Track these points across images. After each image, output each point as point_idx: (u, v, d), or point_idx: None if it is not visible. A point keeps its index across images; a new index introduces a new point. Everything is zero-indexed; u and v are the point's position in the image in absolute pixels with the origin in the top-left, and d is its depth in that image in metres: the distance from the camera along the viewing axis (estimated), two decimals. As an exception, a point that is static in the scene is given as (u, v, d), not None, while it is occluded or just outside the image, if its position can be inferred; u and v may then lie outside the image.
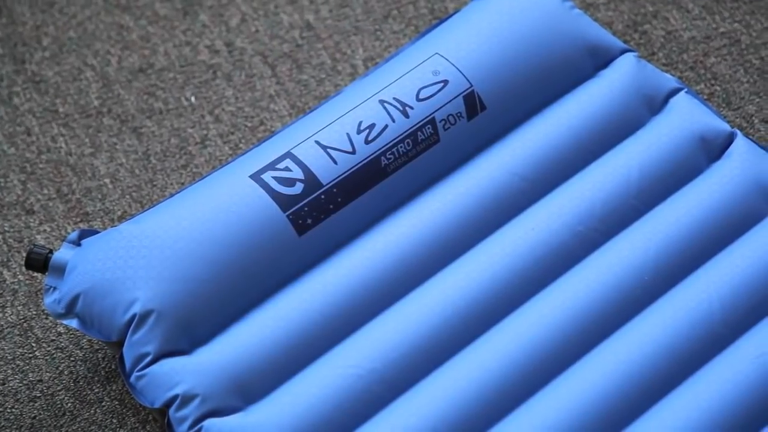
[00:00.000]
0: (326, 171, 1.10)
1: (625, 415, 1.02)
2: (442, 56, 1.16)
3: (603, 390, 1.02)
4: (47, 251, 1.09)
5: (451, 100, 1.14)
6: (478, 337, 1.06)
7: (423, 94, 1.14)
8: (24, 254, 1.19)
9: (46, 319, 1.17)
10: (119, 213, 1.23)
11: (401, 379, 1.04)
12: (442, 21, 1.21)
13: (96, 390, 1.13)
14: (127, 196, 1.24)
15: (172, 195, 1.14)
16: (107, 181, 1.25)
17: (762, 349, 1.03)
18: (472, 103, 1.14)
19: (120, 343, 1.06)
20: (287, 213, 1.09)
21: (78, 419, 1.12)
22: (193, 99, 1.30)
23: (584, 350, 1.05)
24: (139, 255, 1.06)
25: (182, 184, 1.25)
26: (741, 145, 1.15)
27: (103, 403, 1.12)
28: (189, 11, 1.36)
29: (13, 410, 1.12)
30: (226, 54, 1.33)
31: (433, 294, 1.07)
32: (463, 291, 1.07)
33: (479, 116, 1.15)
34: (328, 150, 1.11)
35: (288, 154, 1.11)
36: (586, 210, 1.11)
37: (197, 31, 1.34)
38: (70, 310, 1.07)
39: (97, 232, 1.11)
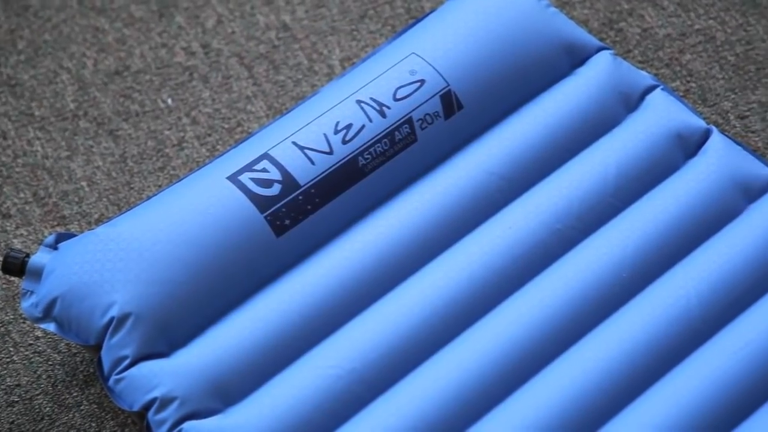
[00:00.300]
0: (304, 172, 1.10)
1: (605, 411, 1.02)
2: (419, 56, 1.16)
3: (582, 387, 1.02)
4: (24, 255, 1.09)
5: (428, 100, 1.14)
6: (456, 336, 1.06)
7: (400, 94, 1.14)
8: (0, 258, 1.19)
9: (24, 323, 1.16)
10: (96, 216, 1.23)
11: (381, 379, 1.04)
12: (418, 20, 1.21)
13: (74, 394, 1.13)
14: (104, 199, 1.24)
15: (149, 197, 1.13)
16: (84, 184, 1.25)
17: (740, 344, 1.04)
18: (449, 102, 1.14)
19: (98, 347, 1.06)
20: (265, 214, 1.08)
21: (56, 423, 1.11)
22: (169, 101, 1.30)
23: (563, 348, 1.05)
24: (116, 258, 1.06)
25: (159, 186, 1.25)
26: (717, 141, 1.15)
27: (82, 407, 1.12)
28: (165, 13, 1.35)
29: (-8, 415, 1.11)
30: (203, 56, 1.33)
31: (412, 293, 1.08)
32: (441, 290, 1.07)
33: (456, 115, 1.15)
34: (306, 151, 1.11)
35: (265, 155, 1.11)
36: (563, 208, 1.11)
37: (173, 33, 1.34)
38: (47, 313, 1.07)
39: (74, 236, 1.11)
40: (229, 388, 1.03)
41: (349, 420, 1.03)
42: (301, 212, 1.09)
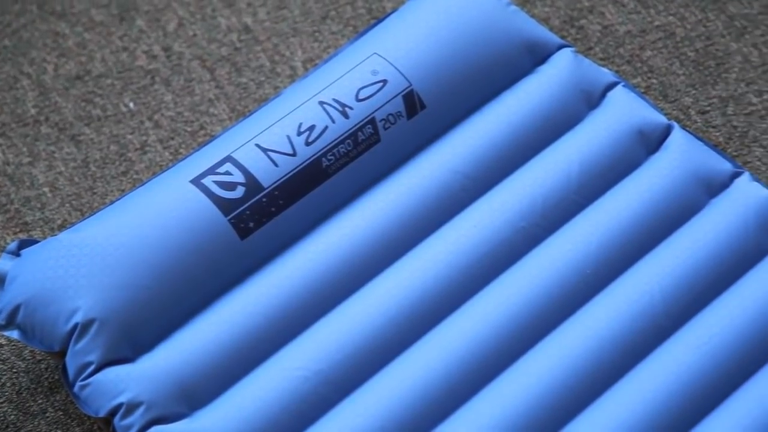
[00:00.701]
0: (267, 174, 1.10)
1: (571, 409, 1.02)
2: (381, 56, 1.16)
3: (548, 384, 1.03)
4: (-14, 262, 1.08)
5: (390, 100, 1.14)
6: (422, 336, 1.06)
7: (362, 95, 1.14)
8: (-37, 266, 1.18)
9: (-12, 331, 1.16)
10: (59, 222, 1.22)
11: (347, 380, 1.04)
12: (379, 21, 1.21)
13: (39, 401, 1.12)
14: (67, 205, 1.23)
15: (112, 202, 1.13)
16: (46, 190, 1.24)
17: (704, 339, 1.04)
18: (412, 102, 1.14)
19: (63, 353, 1.05)
20: (229, 217, 1.08)
21: (22, 431, 1.11)
22: (131, 105, 1.29)
23: (529, 345, 1.05)
24: (79, 264, 1.05)
25: (122, 190, 1.24)
26: (678, 137, 1.16)
27: (47, 414, 1.11)
28: (125, 17, 1.35)
29: (-44, 424, 1.11)
30: (164, 59, 1.32)
31: (377, 293, 1.08)
32: (406, 290, 1.07)
33: (419, 115, 1.15)
34: (269, 153, 1.11)
35: (228, 158, 1.11)
36: (528, 206, 1.12)
37: (134, 37, 1.33)
38: (10, 321, 1.06)
39: (37, 242, 1.10)
40: (196, 392, 1.03)
41: (317, 421, 1.03)
42: (265, 214, 1.09)
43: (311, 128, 1.12)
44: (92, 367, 1.03)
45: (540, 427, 1.01)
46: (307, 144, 1.11)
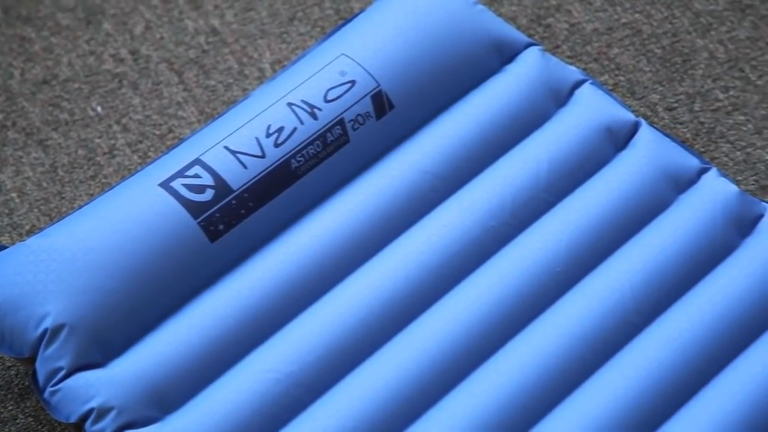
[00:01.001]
0: (236, 176, 1.10)
1: (543, 407, 1.03)
2: (349, 57, 1.16)
3: (519, 383, 1.03)
4: (-46, 269, 1.08)
5: (359, 100, 1.14)
6: (394, 336, 1.06)
7: (331, 95, 1.14)
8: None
9: (-43, 338, 1.15)
10: (27, 227, 1.21)
11: (319, 381, 1.04)
12: (347, 21, 1.21)
13: (10, 408, 1.11)
14: (35, 210, 1.22)
15: (80, 207, 1.12)
16: (14, 195, 1.24)
17: (674, 335, 1.05)
18: (380, 102, 1.14)
19: (32, 359, 1.04)
20: (198, 220, 1.08)
21: (-7, 438, 1.10)
22: (99, 109, 1.29)
23: (500, 344, 1.06)
24: (48, 269, 1.05)
25: (91, 195, 1.23)
26: (646, 133, 1.16)
27: (18, 421, 1.11)
28: (92, 20, 1.34)
29: (-74, 432, 1.10)
30: (132, 62, 1.32)
31: (348, 295, 1.07)
32: (377, 290, 1.07)
33: (388, 115, 1.15)
34: (238, 155, 1.11)
35: (197, 161, 1.10)
36: (497, 205, 1.12)
37: (101, 41, 1.33)
38: (-21, 327, 1.06)
39: (5, 248, 1.09)
40: (167, 396, 1.03)
41: (289, 423, 1.02)
42: (235, 217, 1.09)
43: (280, 130, 1.12)
44: (62, 373, 1.03)
45: (512, 425, 1.02)
46: (276, 146, 1.11)
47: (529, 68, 1.18)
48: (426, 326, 1.06)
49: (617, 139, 1.16)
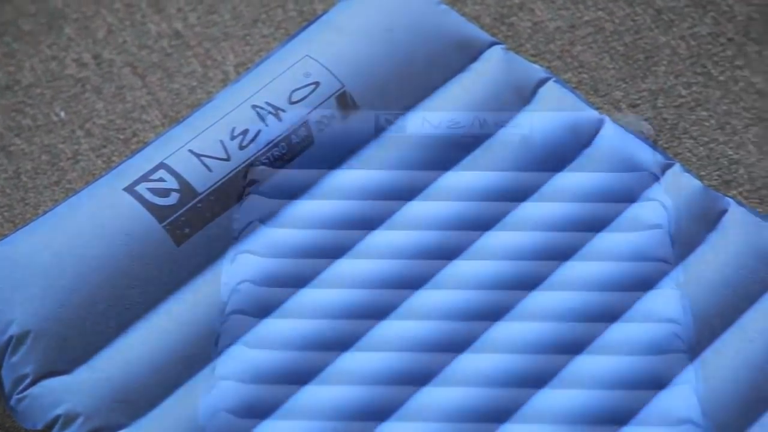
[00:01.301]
0: (201, 179, 1.10)
1: (510, 405, 1.03)
2: (313, 58, 1.16)
3: (488, 379, 1.03)
4: None
5: (323, 102, 1.14)
6: (363, 336, 1.06)
7: (295, 97, 1.14)
8: None
9: None
10: (-8, 234, 1.21)
11: (290, 381, 1.04)
12: (311, 23, 1.21)
13: (-24, 416, 1.11)
14: (-1, 217, 1.22)
15: (45, 212, 1.12)
16: (-23, 202, 1.23)
17: (653, 318, 1.05)
18: (345, 103, 1.14)
19: (-2, 367, 1.04)
20: (164, 224, 1.08)
21: (-41, 447, 1.09)
22: (62, 114, 1.28)
23: (472, 339, 1.05)
24: (12, 276, 1.04)
25: (55, 201, 1.23)
26: (609, 130, 1.17)
27: (-15, 429, 1.10)
28: (54, 25, 1.33)
29: None
30: (95, 66, 1.31)
31: (316, 294, 1.07)
32: (342, 294, 1.07)
33: (352, 116, 1.15)
34: (202, 158, 1.10)
35: (161, 165, 1.10)
36: (462, 205, 1.12)
37: (63, 45, 1.32)
38: (-56, 336, 1.05)
39: (-31, 255, 1.09)
40: (134, 402, 1.02)
41: (254, 429, 1.02)
42: (201, 220, 1.09)
43: (244, 132, 1.12)
44: (28, 380, 1.02)
45: (483, 420, 1.01)
46: (241, 148, 1.11)
47: (492, 67, 1.19)
48: (393, 326, 1.06)
49: (581, 136, 1.17)
